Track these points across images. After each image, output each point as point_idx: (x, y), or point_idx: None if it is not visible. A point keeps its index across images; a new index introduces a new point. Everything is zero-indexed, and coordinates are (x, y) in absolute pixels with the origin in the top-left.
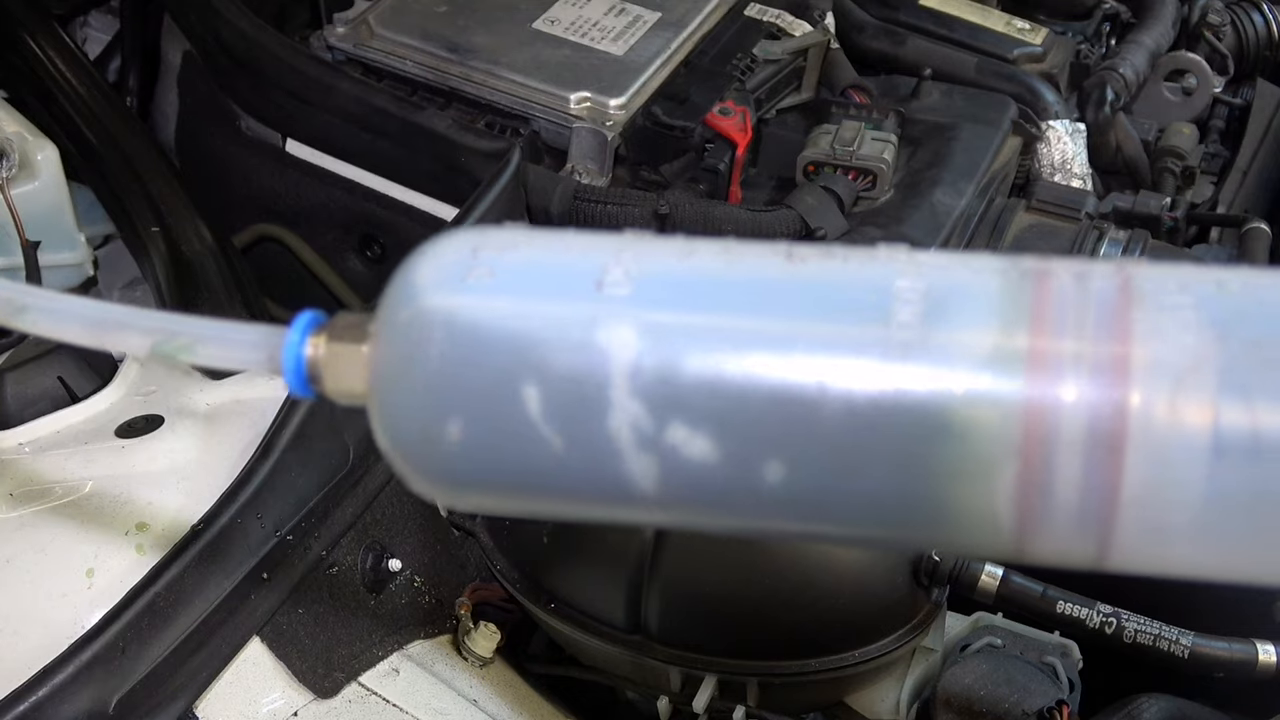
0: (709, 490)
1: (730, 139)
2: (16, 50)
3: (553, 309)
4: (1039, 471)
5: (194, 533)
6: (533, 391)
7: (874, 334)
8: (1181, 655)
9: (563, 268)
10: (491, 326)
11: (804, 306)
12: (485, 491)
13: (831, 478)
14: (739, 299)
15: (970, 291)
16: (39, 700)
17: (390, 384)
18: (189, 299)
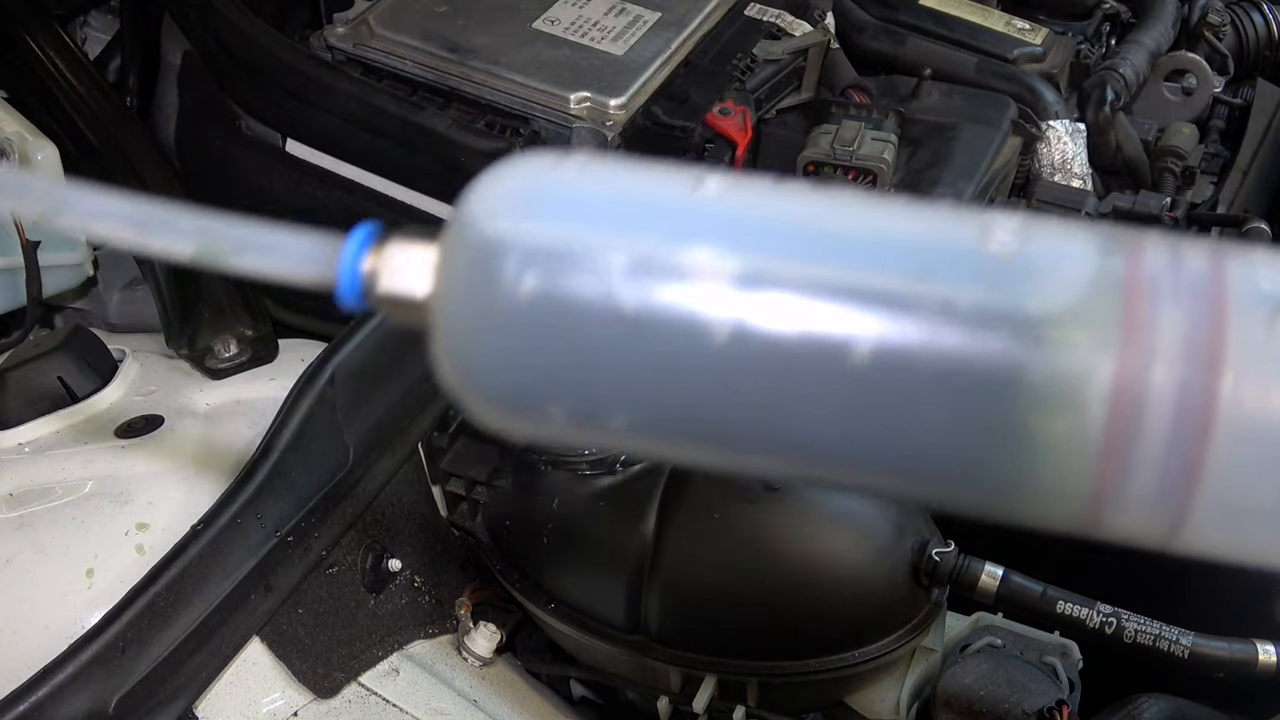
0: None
1: (730, 139)
2: (16, 50)
3: (647, 209)
4: (1123, 444)
5: (194, 533)
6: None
7: (967, 294)
8: (1181, 655)
9: (652, 180)
10: (578, 231)
11: (898, 257)
12: (564, 403)
13: (893, 423)
14: (835, 231)
15: (1064, 258)
16: (39, 700)
17: (461, 285)
18: (189, 299)
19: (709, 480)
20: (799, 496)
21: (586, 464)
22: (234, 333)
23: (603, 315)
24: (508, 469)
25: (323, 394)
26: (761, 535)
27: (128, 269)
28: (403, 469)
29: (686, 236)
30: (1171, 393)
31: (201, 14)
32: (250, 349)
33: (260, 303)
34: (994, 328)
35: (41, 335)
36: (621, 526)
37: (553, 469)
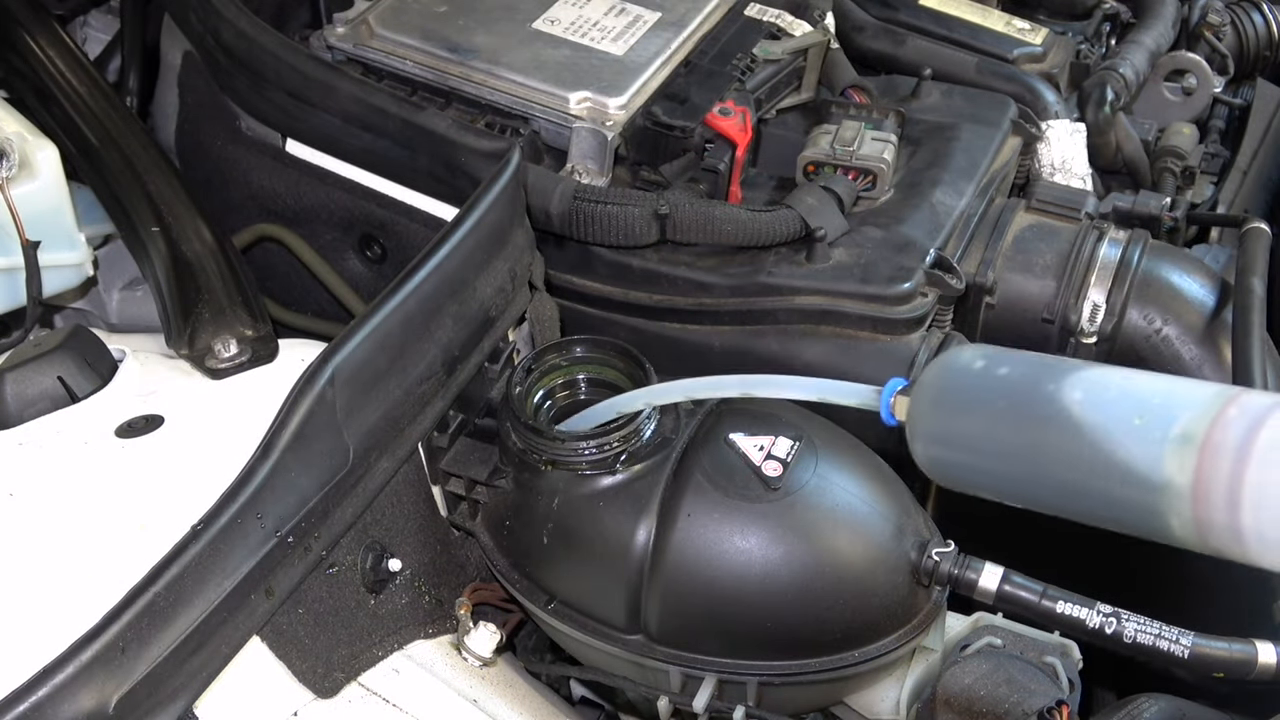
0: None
1: (730, 139)
2: (16, 50)
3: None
4: (1202, 525)
5: (194, 533)
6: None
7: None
8: (1181, 655)
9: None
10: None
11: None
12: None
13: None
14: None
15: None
16: (39, 700)
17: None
18: (189, 299)
19: (709, 480)
20: (799, 497)
21: (586, 464)
22: (234, 333)
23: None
24: (508, 469)
25: (323, 394)
26: (762, 535)
27: (128, 269)
28: (403, 469)
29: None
30: (1224, 483)
31: (201, 14)
32: (250, 349)
33: (260, 303)
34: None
35: (41, 335)
36: (621, 526)
37: (553, 469)
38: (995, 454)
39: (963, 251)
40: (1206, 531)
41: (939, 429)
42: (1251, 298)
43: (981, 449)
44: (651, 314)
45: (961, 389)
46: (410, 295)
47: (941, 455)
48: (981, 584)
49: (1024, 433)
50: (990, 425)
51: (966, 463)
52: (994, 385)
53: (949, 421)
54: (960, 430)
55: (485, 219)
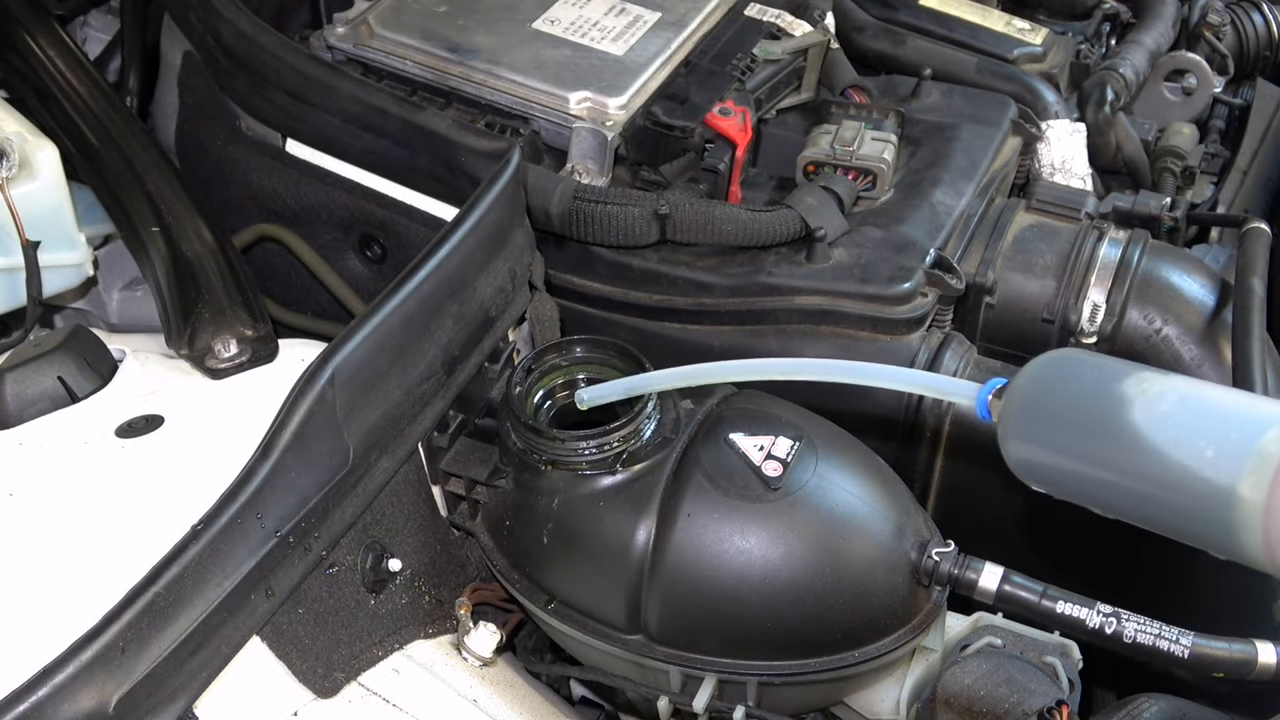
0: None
1: (730, 139)
2: (16, 50)
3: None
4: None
5: (194, 533)
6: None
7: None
8: (1181, 655)
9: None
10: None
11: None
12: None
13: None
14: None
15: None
16: (39, 700)
17: (1007, 412)
18: (189, 299)
19: (709, 480)
20: (799, 497)
21: (586, 464)
22: (234, 333)
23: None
24: (508, 469)
25: (323, 394)
26: (762, 535)
27: (128, 269)
28: (403, 469)
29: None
30: None
31: (201, 14)
32: (250, 349)
33: (260, 303)
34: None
35: (41, 335)
36: (621, 526)
37: (553, 469)
38: (1075, 463)
39: (963, 251)
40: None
41: (1024, 432)
42: (1251, 298)
43: (1063, 456)
44: (651, 314)
45: (1048, 395)
46: (410, 295)
47: (1027, 458)
48: (981, 584)
49: (1099, 445)
50: (1069, 435)
51: (1050, 467)
52: (1076, 394)
53: (1033, 427)
54: (1043, 436)
55: (485, 219)
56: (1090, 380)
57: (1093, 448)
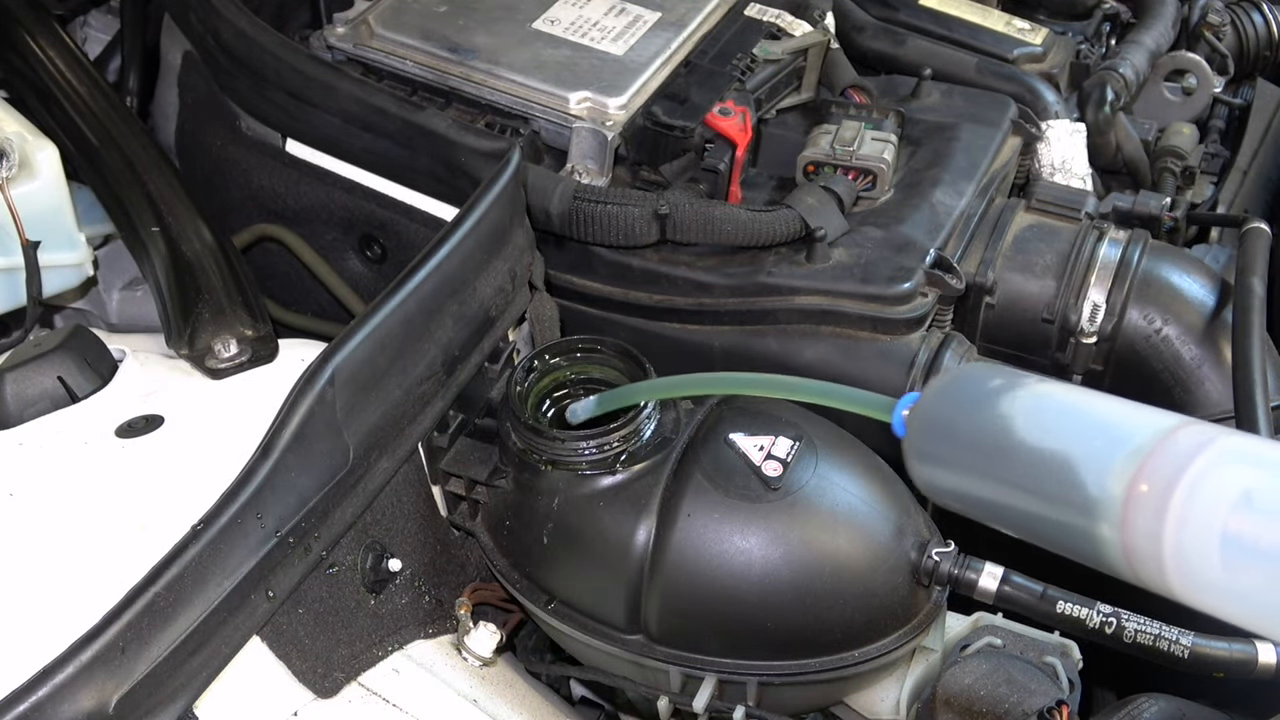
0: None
1: (730, 139)
2: (16, 50)
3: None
4: (1131, 549)
5: (194, 533)
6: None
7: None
8: (1181, 655)
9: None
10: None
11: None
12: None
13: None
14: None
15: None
16: (39, 700)
17: (914, 423)
18: (189, 299)
19: (709, 480)
20: (799, 497)
21: (586, 464)
22: (234, 333)
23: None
24: (508, 469)
25: (323, 394)
26: (762, 535)
27: (128, 269)
28: (403, 469)
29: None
30: (1148, 523)
31: (201, 14)
32: (250, 349)
33: (260, 303)
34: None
35: (41, 335)
36: (621, 526)
37: (553, 469)
38: (966, 477)
39: (963, 251)
40: (1136, 561)
41: (925, 448)
42: (1251, 298)
43: (955, 472)
44: (651, 314)
45: (946, 410)
46: (410, 295)
47: (928, 475)
48: (981, 584)
49: (982, 461)
50: (958, 450)
51: (947, 484)
52: (965, 409)
53: (933, 442)
54: (939, 452)
55: (485, 219)
56: (978, 395)
57: (976, 463)
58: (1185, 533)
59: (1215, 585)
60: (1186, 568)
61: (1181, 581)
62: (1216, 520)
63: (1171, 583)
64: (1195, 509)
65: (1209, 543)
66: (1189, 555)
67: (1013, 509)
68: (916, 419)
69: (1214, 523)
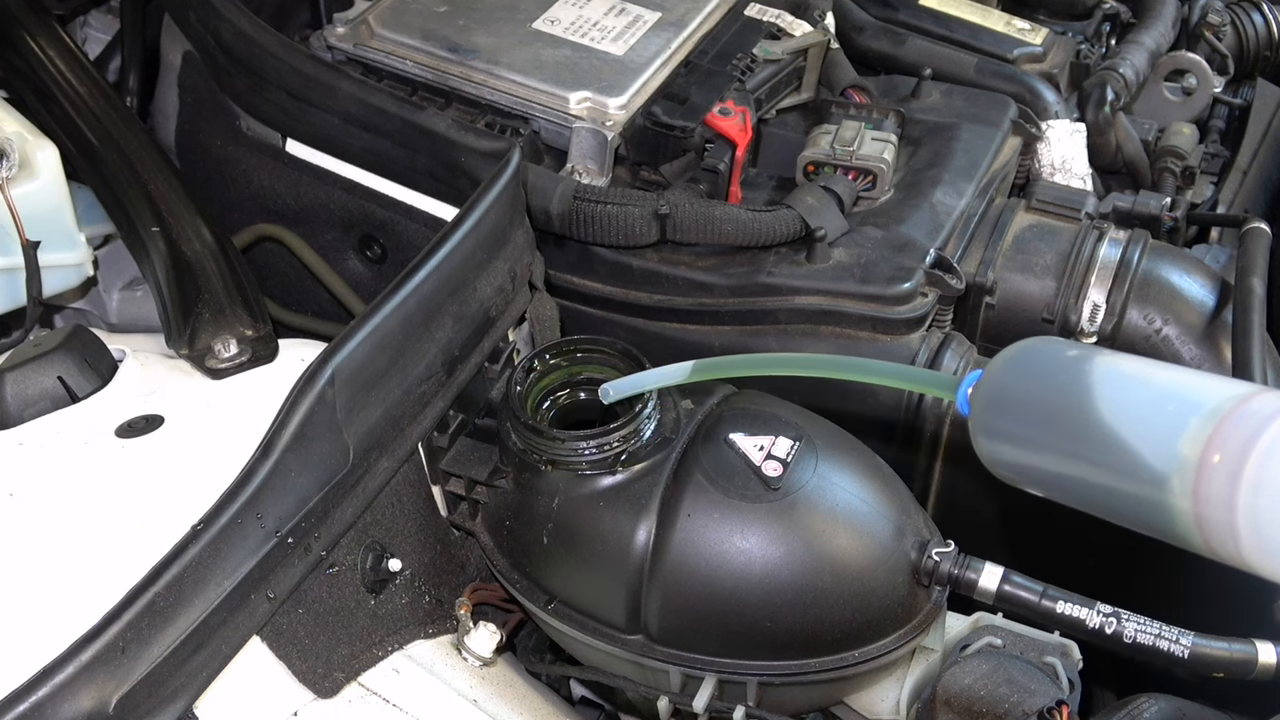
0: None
1: (730, 139)
2: (16, 50)
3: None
4: (1203, 520)
5: (194, 533)
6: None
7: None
8: (1181, 655)
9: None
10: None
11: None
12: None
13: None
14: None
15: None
16: (39, 700)
17: (978, 399)
18: (189, 299)
19: (709, 480)
20: (799, 497)
21: (586, 464)
22: (234, 333)
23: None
24: (508, 469)
25: (323, 394)
26: (762, 535)
27: (128, 269)
28: (403, 469)
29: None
30: (1222, 494)
31: (201, 14)
32: (250, 349)
33: (260, 303)
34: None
35: (41, 335)
36: (621, 526)
37: (553, 469)
38: (1034, 451)
39: (963, 251)
40: (1208, 531)
41: (990, 425)
42: (1251, 298)
43: (1023, 445)
44: (651, 314)
45: (1011, 385)
46: (410, 295)
47: (994, 451)
48: (981, 584)
49: (1053, 433)
50: (1027, 425)
51: (1015, 459)
52: (1035, 382)
53: (1000, 416)
54: (1006, 428)
55: (485, 219)
56: (1048, 367)
57: (1047, 436)
58: (1259, 500)
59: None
60: (1260, 536)
61: (1255, 550)
62: None
63: (1245, 551)
64: (1270, 476)
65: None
66: (1263, 523)
67: (1082, 481)
68: (981, 394)
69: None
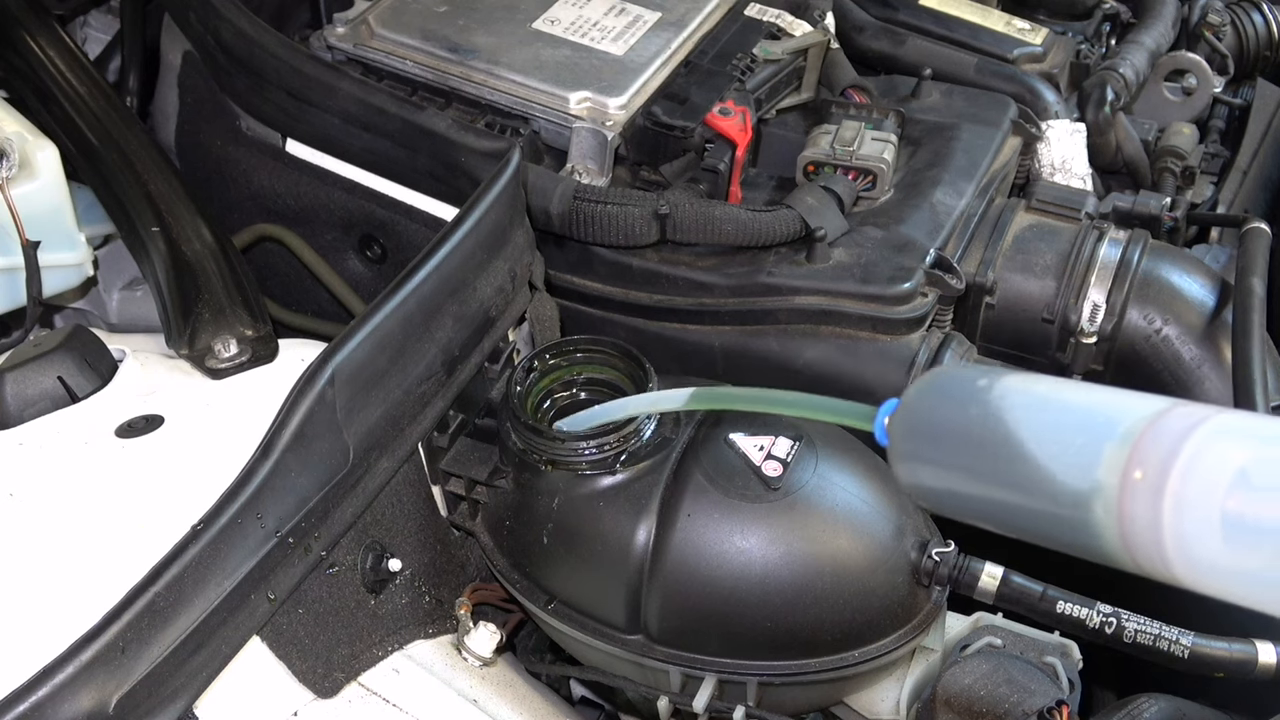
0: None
1: (730, 139)
2: (16, 50)
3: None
4: (1129, 535)
5: (194, 533)
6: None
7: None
8: (1181, 655)
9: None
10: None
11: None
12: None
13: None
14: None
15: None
16: (39, 700)
17: (893, 435)
18: (189, 299)
19: (709, 480)
20: (799, 497)
21: (586, 464)
22: (234, 333)
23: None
24: (508, 469)
25: (323, 394)
26: (762, 535)
27: (128, 269)
28: (403, 469)
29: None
30: (1145, 509)
31: (201, 14)
32: (250, 349)
33: (260, 303)
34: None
35: (41, 335)
36: (621, 526)
37: (553, 469)
38: (953, 478)
39: (963, 251)
40: (1135, 550)
41: (911, 452)
42: (1251, 298)
43: (942, 473)
44: (651, 314)
45: (928, 410)
46: (410, 295)
47: (914, 478)
48: (981, 584)
49: (970, 462)
50: (943, 450)
51: (936, 486)
52: (949, 414)
53: (918, 445)
54: (924, 454)
55: (485, 219)
56: (959, 398)
57: (964, 464)
58: (1184, 516)
59: (1220, 568)
60: (1189, 552)
61: (1185, 567)
62: (1215, 501)
63: (1175, 569)
64: (1192, 491)
65: (1210, 525)
66: (1190, 539)
67: (1004, 506)
68: (899, 423)
69: (1213, 504)
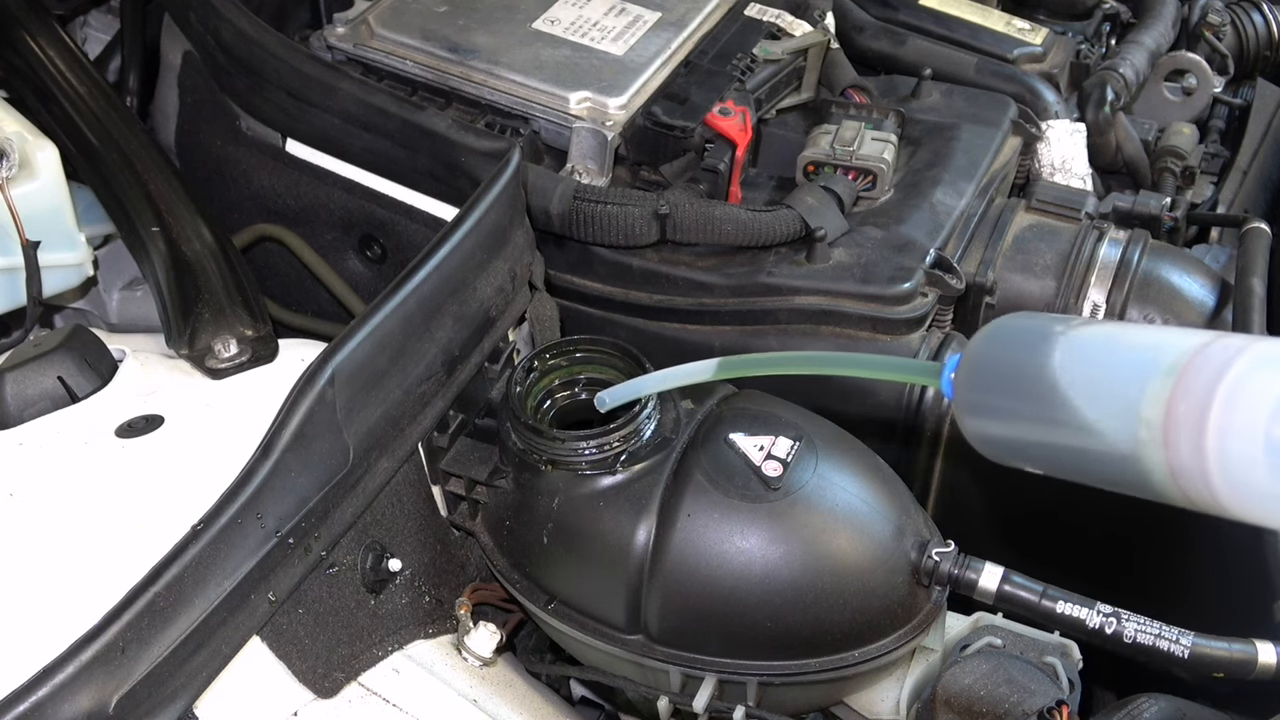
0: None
1: (730, 139)
2: (16, 50)
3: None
4: (1176, 470)
5: (194, 533)
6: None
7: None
8: (1181, 655)
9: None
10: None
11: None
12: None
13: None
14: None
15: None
16: (39, 700)
17: (958, 387)
18: (189, 299)
19: (709, 480)
20: (799, 497)
21: (586, 464)
22: (234, 333)
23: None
24: (508, 469)
25: (323, 394)
26: (762, 535)
27: (128, 269)
28: (403, 469)
29: None
30: (1188, 444)
31: (201, 14)
32: (250, 349)
33: (260, 303)
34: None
35: (41, 335)
36: (621, 526)
37: (553, 469)
38: (1013, 424)
39: (963, 251)
40: (1183, 481)
41: (974, 401)
42: (1251, 298)
43: (1003, 420)
44: (651, 314)
45: (989, 358)
46: (410, 295)
47: (978, 428)
48: (981, 584)
49: (1026, 404)
50: (1003, 395)
51: (997, 434)
52: (1008, 358)
53: (980, 393)
54: (986, 402)
55: (485, 219)
56: (1018, 341)
57: (1021, 408)
58: (1228, 444)
59: (1267, 493)
60: (1234, 480)
61: (1231, 495)
62: (1259, 426)
63: (1221, 498)
64: (1235, 418)
65: (1254, 451)
66: (1235, 467)
67: (1061, 448)
68: (963, 375)
69: (1256, 429)
